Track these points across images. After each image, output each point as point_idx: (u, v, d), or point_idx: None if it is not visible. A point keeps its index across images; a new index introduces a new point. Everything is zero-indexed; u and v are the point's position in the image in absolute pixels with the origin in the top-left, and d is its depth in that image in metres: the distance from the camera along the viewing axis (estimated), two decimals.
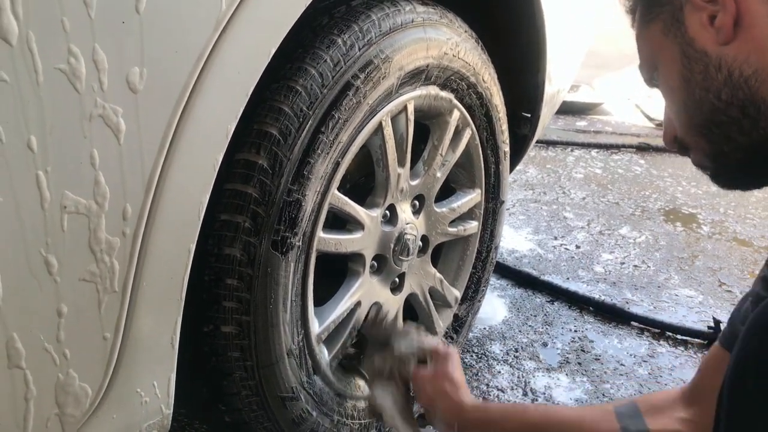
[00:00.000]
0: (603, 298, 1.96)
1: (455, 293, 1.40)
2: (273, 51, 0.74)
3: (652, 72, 0.74)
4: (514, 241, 2.38)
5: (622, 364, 1.65)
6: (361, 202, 1.09)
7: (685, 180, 3.18)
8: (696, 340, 1.77)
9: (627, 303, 1.96)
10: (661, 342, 1.76)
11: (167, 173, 0.64)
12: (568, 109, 4.50)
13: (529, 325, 1.81)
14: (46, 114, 0.54)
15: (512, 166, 1.63)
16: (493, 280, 2.03)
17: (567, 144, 3.71)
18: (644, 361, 1.66)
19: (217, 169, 0.71)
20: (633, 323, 1.84)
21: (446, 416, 0.97)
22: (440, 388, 0.97)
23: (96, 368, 0.67)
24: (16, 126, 0.53)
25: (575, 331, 1.79)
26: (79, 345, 0.64)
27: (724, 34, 0.64)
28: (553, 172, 3.24)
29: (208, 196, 0.72)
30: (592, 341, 1.75)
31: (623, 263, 2.24)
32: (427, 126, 1.22)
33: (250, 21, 0.69)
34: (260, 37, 0.72)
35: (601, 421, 0.87)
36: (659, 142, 3.86)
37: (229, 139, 0.72)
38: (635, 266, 2.23)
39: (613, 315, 1.88)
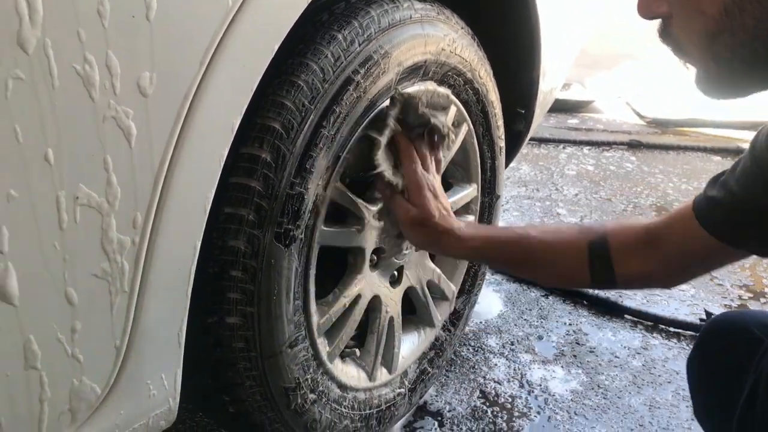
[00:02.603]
0: (596, 291, 1.99)
1: (452, 287, 1.42)
2: (276, 47, 0.75)
3: None
4: None
5: (616, 356, 1.67)
6: (361, 195, 1.11)
7: (675, 176, 3.22)
8: (688, 332, 1.80)
9: (620, 296, 1.98)
10: (654, 334, 1.79)
11: (174, 171, 0.66)
12: (560, 107, 4.54)
13: (525, 319, 1.83)
14: (59, 115, 0.55)
15: (507, 162, 1.65)
16: (489, 275, 2.05)
17: (559, 141, 3.74)
18: (638, 353, 1.69)
19: (222, 164, 0.73)
20: (626, 316, 1.87)
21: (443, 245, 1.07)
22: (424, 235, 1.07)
23: (106, 366, 0.69)
24: (32, 126, 0.54)
25: (570, 324, 1.82)
26: (90, 345, 0.65)
27: None
28: (546, 169, 3.27)
29: (213, 191, 0.73)
30: (587, 334, 1.77)
31: None
32: None
33: (255, 16, 0.70)
34: (264, 33, 0.73)
35: (575, 261, 0.96)
36: (650, 139, 3.90)
37: (234, 134, 0.73)
38: None
39: (606, 308, 1.90)
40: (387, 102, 1.04)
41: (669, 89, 4.60)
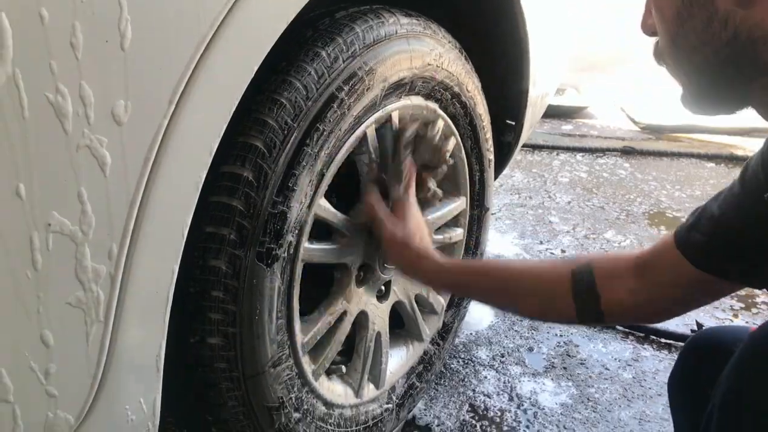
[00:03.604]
0: None
1: (441, 301, 1.41)
2: (256, 67, 0.74)
3: None
4: (500, 245, 2.39)
5: (606, 368, 1.66)
6: (348, 210, 1.10)
7: (669, 183, 3.21)
8: (679, 343, 1.79)
9: None
10: (645, 346, 1.78)
11: (150, 198, 0.65)
12: (554, 113, 4.53)
13: (515, 330, 1.82)
14: (30, 145, 0.54)
15: (497, 173, 1.64)
16: None
17: (553, 148, 3.74)
18: (628, 365, 1.68)
19: (200, 188, 0.72)
20: (618, 327, 1.86)
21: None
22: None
23: (81, 396, 0.67)
24: (2, 156, 0.53)
25: (560, 335, 1.81)
26: (66, 379, 0.64)
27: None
28: (539, 176, 3.26)
29: (191, 216, 0.72)
30: (578, 346, 1.76)
31: None
32: None
33: (232, 39, 0.69)
34: (243, 54, 0.72)
35: (557, 286, 0.92)
36: (644, 145, 3.90)
37: (212, 157, 0.72)
38: None
39: None
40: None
41: (663, 94, 4.60)
